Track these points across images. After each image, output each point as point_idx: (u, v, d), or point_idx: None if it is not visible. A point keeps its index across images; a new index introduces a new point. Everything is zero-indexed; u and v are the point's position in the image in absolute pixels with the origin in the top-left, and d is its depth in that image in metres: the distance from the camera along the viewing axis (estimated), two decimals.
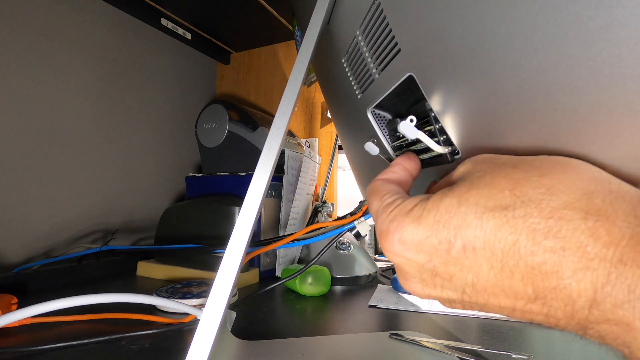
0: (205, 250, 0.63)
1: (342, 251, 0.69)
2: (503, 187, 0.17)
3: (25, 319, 0.39)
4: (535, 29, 0.15)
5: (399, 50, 0.27)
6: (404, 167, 0.27)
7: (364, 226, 0.58)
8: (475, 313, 0.49)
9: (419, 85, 0.27)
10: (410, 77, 0.28)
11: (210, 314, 0.21)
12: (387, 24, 0.27)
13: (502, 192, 0.17)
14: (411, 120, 0.27)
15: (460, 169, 0.21)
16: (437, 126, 0.28)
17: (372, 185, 0.26)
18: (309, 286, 0.57)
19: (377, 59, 0.32)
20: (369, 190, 0.25)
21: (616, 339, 0.15)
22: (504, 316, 0.30)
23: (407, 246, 0.19)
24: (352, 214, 0.59)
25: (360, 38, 0.33)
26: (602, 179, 0.16)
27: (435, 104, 0.27)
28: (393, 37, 0.27)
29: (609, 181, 0.16)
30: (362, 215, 0.57)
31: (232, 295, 0.23)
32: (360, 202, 0.60)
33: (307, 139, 1.00)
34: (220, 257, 0.64)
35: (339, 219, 0.59)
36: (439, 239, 0.18)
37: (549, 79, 0.16)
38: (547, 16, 0.14)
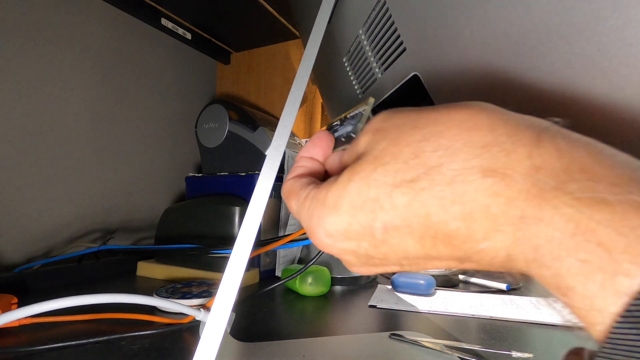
0: (205, 250, 0.63)
1: None
2: (405, 157, 0.16)
3: (25, 318, 0.39)
4: (549, 29, 0.15)
5: (404, 50, 0.27)
6: (308, 157, 0.25)
7: None
8: (475, 313, 0.49)
9: (424, 84, 0.27)
10: (415, 76, 0.28)
11: (216, 318, 0.21)
12: (393, 23, 0.27)
13: (406, 163, 0.16)
14: None
15: (363, 139, 0.19)
16: None
17: (285, 187, 0.23)
18: (309, 286, 0.57)
19: (380, 58, 0.32)
20: (284, 194, 0.23)
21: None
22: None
23: (335, 237, 0.19)
24: None
25: (363, 37, 0.33)
26: (500, 125, 0.15)
27: (440, 103, 0.27)
28: (399, 37, 0.27)
29: (506, 124, 0.15)
30: None
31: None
32: None
33: (307, 139, 1.00)
34: (221, 257, 0.64)
35: None
36: (360, 225, 0.17)
37: (561, 79, 0.16)
38: (561, 16, 0.14)
